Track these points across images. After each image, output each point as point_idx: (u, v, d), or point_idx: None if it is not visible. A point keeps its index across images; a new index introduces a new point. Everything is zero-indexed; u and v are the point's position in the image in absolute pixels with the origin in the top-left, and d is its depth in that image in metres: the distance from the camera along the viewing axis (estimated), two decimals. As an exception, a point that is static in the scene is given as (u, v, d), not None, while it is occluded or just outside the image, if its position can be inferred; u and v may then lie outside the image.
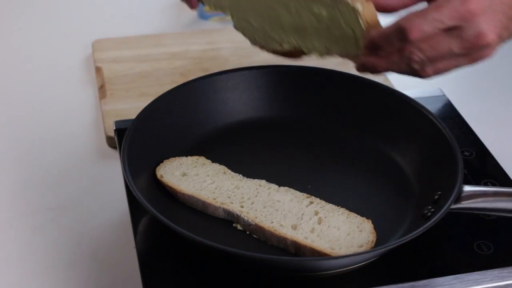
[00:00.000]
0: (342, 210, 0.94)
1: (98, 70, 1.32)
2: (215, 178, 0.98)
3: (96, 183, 1.11)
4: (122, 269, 0.96)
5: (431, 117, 1.01)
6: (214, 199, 0.94)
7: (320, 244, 0.88)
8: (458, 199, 0.91)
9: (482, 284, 0.88)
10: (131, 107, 1.21)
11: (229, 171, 1.00)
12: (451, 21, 0.88)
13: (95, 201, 1.08)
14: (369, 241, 0.89)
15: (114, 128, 1.09)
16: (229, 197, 0.95)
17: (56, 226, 1.03)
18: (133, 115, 1.04)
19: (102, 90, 1.28)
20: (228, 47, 1.39)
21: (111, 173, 1.12)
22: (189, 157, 1.01)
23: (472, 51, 0.89)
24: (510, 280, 0.89)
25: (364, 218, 0.93)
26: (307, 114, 1.09)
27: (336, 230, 0.91)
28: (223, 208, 0.93)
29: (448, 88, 1.21)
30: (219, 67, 1.32)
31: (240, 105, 1.09)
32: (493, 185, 1.02)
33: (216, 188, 0.96)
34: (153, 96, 1.10)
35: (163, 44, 1.39)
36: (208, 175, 0.99)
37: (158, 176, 0.97)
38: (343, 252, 0.88)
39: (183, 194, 0.95)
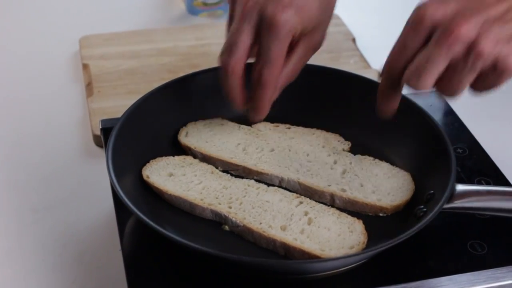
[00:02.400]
0: (333, 210, 0.92)
1: (85, 67, 1.30)
2: (203, 178, 0.96)
3: (82, 183, 1.09)
4: (108, 271, 0.94)
5: (424, 113, 1.00)
6: (202, 200, 0.92)
7: (309, 245, 0.86)
8: (451, 199, 0.89)
9: (476, 285, 0.87)
10: (118, 105, 1.19)
11: (217, 170, 0.98)
12: None
13: (81, 201, 1.06)
14: (360, 242, 0.87)
15: (100, 127, 1.07)
16: (216, 198, 0.92)
17: (41, 228, 1.01)
18: (120, 113, 1.02)
19: (89, 88, 1.25)
20: (218, 43, 1.35)
21: (98, 172, 1.10)
22: (176, 157, 0.99)
23: None
24: (505, 280, 0.87)
25: (355, 218, 0.91)
26: (297, 111, 1.07)
27: (326, 231, 0.89)
28: (211, 209, 0.91)
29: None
30: (208, 63, 1.30)
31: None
32: (487, 183, 1.00)
33: (203, 189, 0.94)
34: (140, 93, 1.08)
35: (151, 40, 1.37)
36: (195, 175, 0.96)
37: (144, 176, 0.95)
38: (333, 253, 0.86)
39: (170, 195, 0.93)
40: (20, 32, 1.43)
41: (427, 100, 1.12)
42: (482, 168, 1.03)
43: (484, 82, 0.83)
